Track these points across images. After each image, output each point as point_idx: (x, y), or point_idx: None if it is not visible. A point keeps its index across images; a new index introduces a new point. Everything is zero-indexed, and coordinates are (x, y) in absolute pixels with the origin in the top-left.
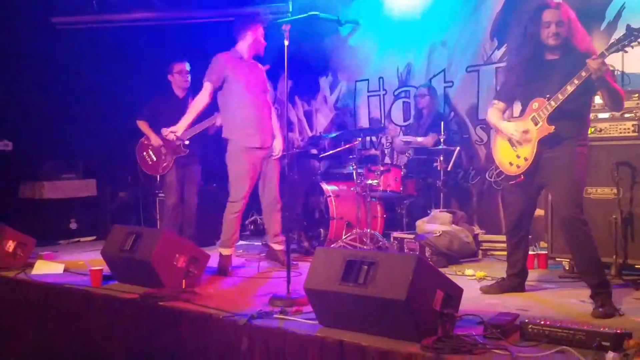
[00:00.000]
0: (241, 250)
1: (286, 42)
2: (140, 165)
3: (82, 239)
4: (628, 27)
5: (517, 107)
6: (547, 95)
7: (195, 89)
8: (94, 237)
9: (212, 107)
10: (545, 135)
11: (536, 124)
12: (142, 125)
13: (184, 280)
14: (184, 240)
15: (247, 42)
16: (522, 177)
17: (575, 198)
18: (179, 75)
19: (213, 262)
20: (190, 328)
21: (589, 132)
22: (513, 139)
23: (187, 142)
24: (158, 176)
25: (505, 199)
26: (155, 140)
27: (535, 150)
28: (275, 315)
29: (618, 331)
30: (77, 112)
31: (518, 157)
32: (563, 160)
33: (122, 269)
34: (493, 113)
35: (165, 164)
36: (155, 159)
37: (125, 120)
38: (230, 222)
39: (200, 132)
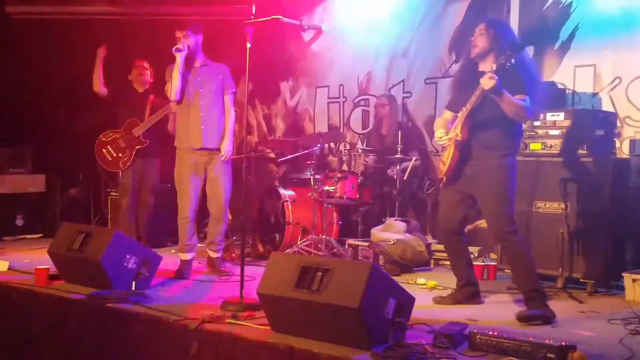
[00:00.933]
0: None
1: (248, 45)
2: (100, 162)
3: (28, 236)
4: (513, 44)
5: None
6: (467, 105)
7: (156, 86)
8: (41, 235)
9: (162, 100)
10: (459, 141)
11: (454, 131)
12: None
13: (134, 282)
14: (135, 241)
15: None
16: (444, 180)
17: (502, 212)
18: (138, 75)
19: (165, 264)
20: (139, 331)
21: (538, 147)
22: (438, 142)
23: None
24: (120, 172)
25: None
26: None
27: (451, 155)
28: (226, 320)
29: (563, 344)
30: (28, 105)
31: (442, 160)
32: (488, 175)
33: (70, 268)
34: (438, 121)
35: (125, 158)
36: (114, 154)
37: (79, 115)
38: (181, 226)
39: (157, 125)
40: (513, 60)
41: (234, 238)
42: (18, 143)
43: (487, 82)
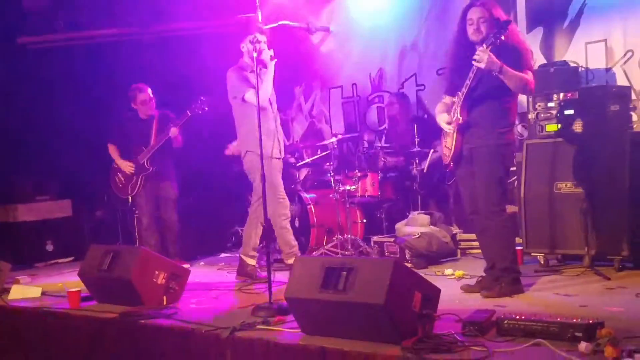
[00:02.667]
0: (222, 263)
1: (255, 54)
2: (112, 188)
3: (59, 261)
4: (498, 22)
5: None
6: (462, 89)
7: (162, 107)
8: (71, 258)
9: (165, 122)
10: (460, 124)
11: (454, 115)
12: (112, 149)
13: (164, 297)
14: (163, 257)
15: (245, 53)
16: (451, 165)
17: (493, 191)
18: (142, 106)
19: (193, 277)
20: (173, 345)
21: (554, 128)
22: (443, 130)
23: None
24: (129, 197)
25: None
26: (121, 163)
27: (454, 139)
28: (257, 326)
29: (590, 321)
30: (49, 132)
31: (446, 146)
32: (484, 153)
33: (101, 289)
34: (438, 107)
35: (132, 184)
36: (124, 180)
37: (99, 139)
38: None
39: (161, 148)
40: (503, 37)
41: (261, 245)
42: (42, 170)
43: (479, 56)
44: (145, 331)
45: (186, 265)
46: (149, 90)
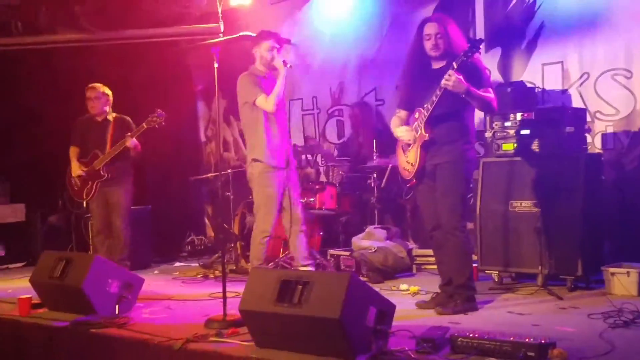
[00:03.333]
0: (177, 273)
1: (216, 65)
2: (69, 191)
3: (10, 266)
4: (469, 39)
5: None
6: (426, 105)
7: (119, 110)
8: (23, 263)
9: (122, 127)
10: (424, 141)
11: (417, 132)
12: (72, 151)
13: (117, 306)
14: (116, 265)
15: (258, 59)
16: (414, 181)
17: (455, 207)
18: (89, 103)
19: (147, 286)
20: (124, 355)
21: (510, 147)
22: (402, 145)
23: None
24: (84, 202)
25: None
26: (74, 169)
27: (418, 155)
28: (210, 338)
29: (542, 341)
30: (2, 134)
31: (407, 162)
32: (446, 169)
33: (53, 296)
34: (394, 121)
35: (88, 189)
36: (80, 184)
37: (53, 143)
38: (262, 244)
39: (120, 155)
40: (474, 56)
41: (216, 255)
42: None
43: (448, 80)
44: (97, 340)
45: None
46: (101, 89)
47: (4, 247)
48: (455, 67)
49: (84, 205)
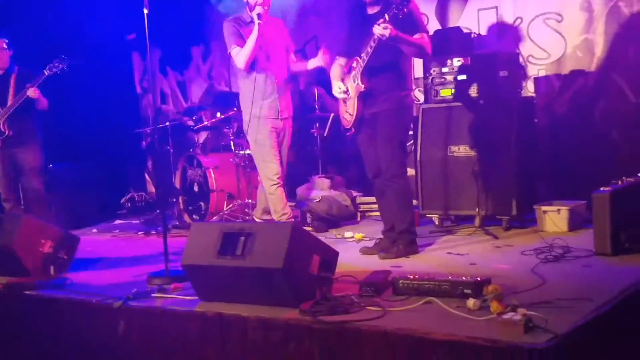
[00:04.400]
0: (117, 230)
1: (145, 10)
2: None
3: None
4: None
5: None
6: (362, 55)
7: (20, 62)
8: None
9: (25, 80)
10: (361, 91)
11: (354, 82)
12: None
13: (52, 267)
14: (50, 224)
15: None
16: (352, 130)
17: (395, 155)
18: None
19: (85, 245)
20: (62, 316)
21: (448, 93)
22: (338, 96)
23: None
24: None
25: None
26: None
27: (356, 106)
28: (152, 295)
29: (478, 279)
30: None
31: (347, 112)
32: (384, 117)
33: None
34: (333, 69)
35: None
36: None
37: None
38: (276, 193)
39: (21, 110)
40: (406, 10)
41: (157, 212)
42: None
43: (383, 31)
44: (32, 303)
45: None
46: (4, 42)
47: None
48: (387, 19)
49: None
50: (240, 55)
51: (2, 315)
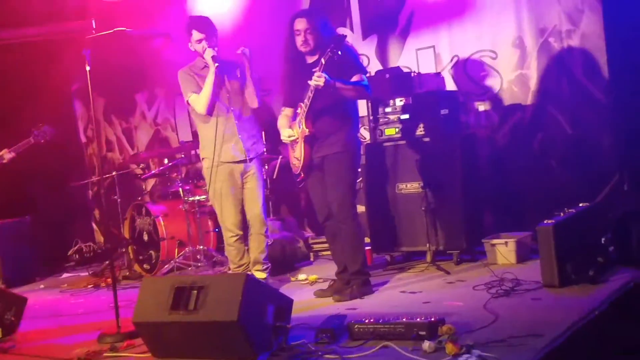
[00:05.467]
0: (65, 285)
1: (87, 68)
2: None
3: None
4: (334, 38)
5: None
6: (305, 101)
7: None
8: None
9: None
10: (306, 135)
11: (299, 127)
12: None
13: None
14: None
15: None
16: (302, 175)
17: (345, 196)
18: None
19: (33, 302)
20: None
21: (392, 132)
22: (286, 141)
23: None
24: None
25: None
26: None
27: (303, 151)
28: (105, 354)
29: (432, 319)
30: None
31: (295, 157)
32: (331, 161)
33: None
34: (280, 120)
35: None
36: None
37: None
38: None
39: None
40: (340, 52)
41: (106, 263)
42: None
43: (317, 82)
44: None
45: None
46: None
47: None
48: (323, 62)
49: None
50: (199, 102)
51: None
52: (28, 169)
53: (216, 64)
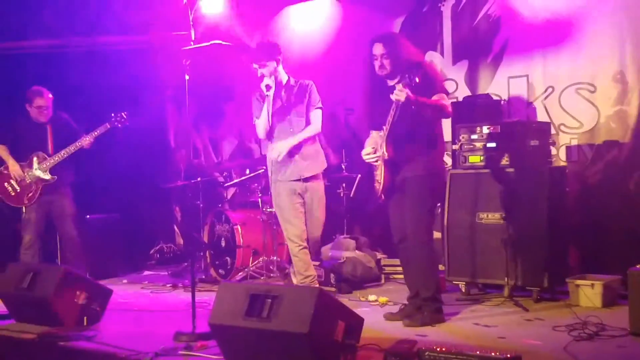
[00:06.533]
0: (146, 282)
1: (187, 77)
2: (2, 197)
3: None
4: (410, 64)
5: None
6: (386, 125)
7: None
8: None
9: (62, 126)
10: (387, 160)
11: (380, 150)
12: (2, 150)
13: (85, 318)
14: (85, 277)
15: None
16: (382, 197)
17: (420, 222)
18: (37, 110)
19: (116, 296)
20: None
21: (477, 160)
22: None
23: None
24: (24, 207)
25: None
26: (13, 167)
27: (383, 174)
28: (180, 352)
29: (508, 355)
30: None
31: (377, 180)
32: (412, 184)
33: (20, 307)
34: (367, 142)
35: (30, 194)
36: (18, 189)
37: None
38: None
39: (68, 158)
40: (417, 79)
41: (185, 264)
42: None
43: (398, 95)
44: (65, 353)
45: None
46: (49, 96)
47: None
48: (402, 86)
49: (23, 211)
50: (258, 127)
51: None
52: (120, 168)
53: (268, 93)
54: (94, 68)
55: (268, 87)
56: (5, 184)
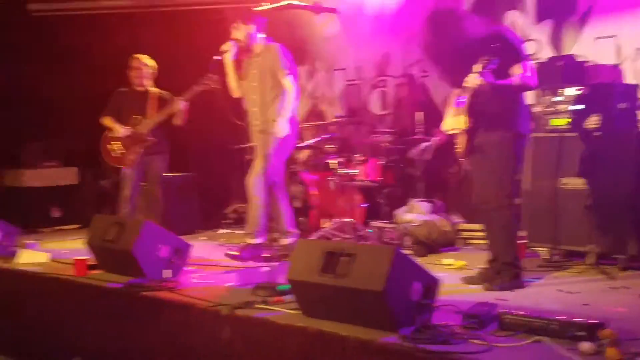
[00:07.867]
0: (224, 239)
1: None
2: (105, 158)
3: (66, 227)
4: (491, 47)
5: None
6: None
7: (161, 81)
8: (78, 226)
9: (164, 102)
10: (467, 129)
11: (462, 117)
12: (107, 121)
13: (166, 270)
14: (166, 231)
15: None
16: (463, 161)
17: (501, 184)
18: (133, 73)
19: (194, 251)
20: (172, 318)
21: (560, 123)
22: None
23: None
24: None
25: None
26: (119, 129)
27: (465, 142)
28: (257, 305)
29: (592, 321)
30: (57, 99)
31: (458, 144)
32: (494, 147)
33: (106, 258)
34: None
35: (132, 156)
36: (124, 150)
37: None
38: None
39: (162, 123)
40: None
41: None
42: (49, 137)
43: (473, 83)
44: (147, 302)
45: None
46: (145, 59)
47: (58, 209)
48: (481, 68)
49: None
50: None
51: (120, 311)
52: (195, 130)
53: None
54: (167, 31)
55: (222, 51)
56: (108, 145)
